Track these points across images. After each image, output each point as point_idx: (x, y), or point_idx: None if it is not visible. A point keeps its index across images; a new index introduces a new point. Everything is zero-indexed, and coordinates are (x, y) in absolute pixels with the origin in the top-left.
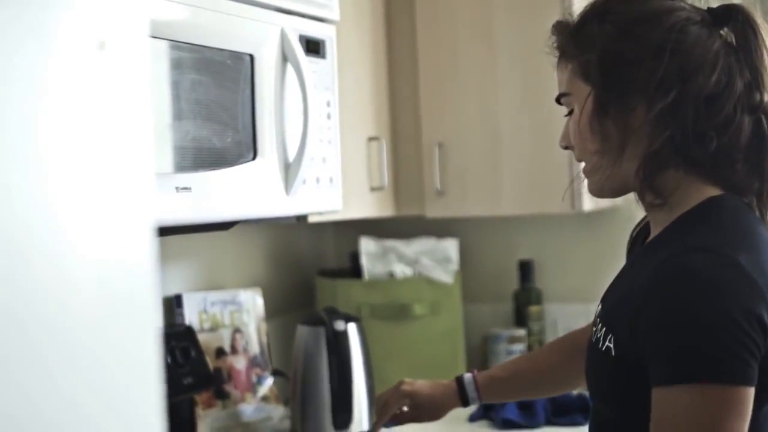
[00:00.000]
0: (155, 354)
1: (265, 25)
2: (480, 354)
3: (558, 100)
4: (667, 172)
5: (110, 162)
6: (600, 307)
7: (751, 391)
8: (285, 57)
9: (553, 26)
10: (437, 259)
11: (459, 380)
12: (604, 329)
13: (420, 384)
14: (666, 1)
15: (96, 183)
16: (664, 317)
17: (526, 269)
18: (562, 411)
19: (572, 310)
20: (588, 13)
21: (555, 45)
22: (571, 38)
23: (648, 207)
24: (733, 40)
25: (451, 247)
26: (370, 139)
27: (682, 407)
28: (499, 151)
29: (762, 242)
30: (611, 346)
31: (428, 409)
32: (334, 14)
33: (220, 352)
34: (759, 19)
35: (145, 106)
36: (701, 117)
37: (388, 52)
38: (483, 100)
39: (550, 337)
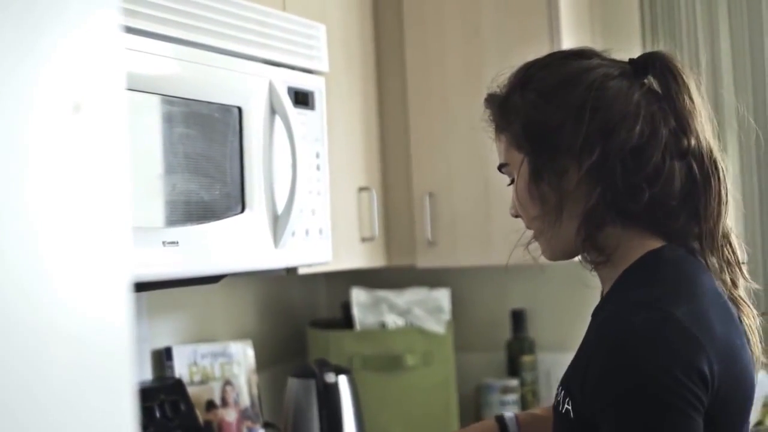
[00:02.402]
0: (131, 412)
1: (254, 78)
2: (473, 404)
3: (500, 170)
4: (605, 228)
5: (87, 221)
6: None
7: None
8: (273, 109)
9: (485, 99)
10: (429, 309)
11: (500, 419)
12: (563, 392)
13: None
14: (583, 61)
15: (72, 242)
16: (606, 380)
17: (518, 318)
18: None
19: (566, 359)
20: (511, 84)
21: (489, 117)
22: (500, 110)
23: (593, 265)
24: (657, 88)
25: (442, 297)
26: (361, 189)
27: None
28: (489, 201)
29: (702, 291)
30: (569, 408)
31: None
32: (323, 65)
33: (210, 405)
34: (678, 64)
35: (122, 164)
36: (629, 170)
37: (377, 101)
38: (473, 149)
39: (543, 387)
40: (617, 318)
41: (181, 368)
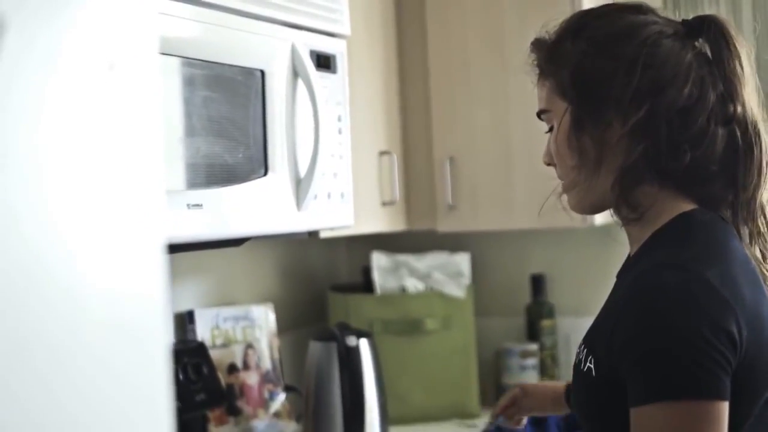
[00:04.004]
0: (165, 373)
1: (276, 41)
2: (492, 368)
3: (539, 116)
4: (642, 186)
5: (120, 182)
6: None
7: (725, 406)
8: (296, 72)
9: (532, 43)
10: (449, 273)
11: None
12: (585, 350)
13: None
14: (639, 15)
15: (106, 203)
16: (635, 337)
17: (538, 283)
18: (575, 428)
19: (585, 324)
20: (563, 31)
21: (534, 62)
22: (548, 55)
23: (624, 222)
24: (708, 52)
25: (463, 261)
26: (382, 153)
27: (657, 425)
28: (510, 165)
29: (733, 256)
30: (591, 366)
31: (539, 399)
32: (345, 29)
33: (232, 368)
34: (732, 31)
35: (155, 125)
36: (674, 130)
37: (399, 65)
38: (494, 113)
39: (562, 352)
40: (648, 278)
41: (203, 331)
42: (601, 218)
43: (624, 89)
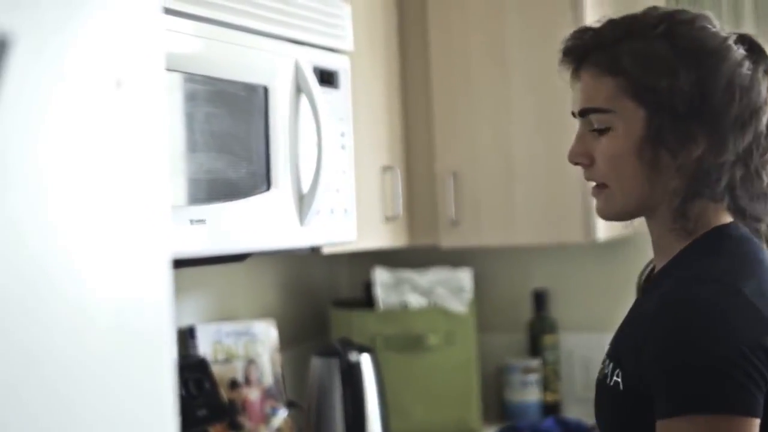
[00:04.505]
0: (170, 387)
1: (279, 57)
2: (495, 384)
3: (581, 114)
4: (701, 199)
5: (126, 197)
6: (610, 344)
7: (756, 423)
8: (299, 88)
9: (582, 32)
10: (451, 288)
11: None
12: (611, 364)
13: None
14: (718, 32)
15: (112, 218)
16: (669, 349)
17: (540, 298)
18: None
19: (587, 340)
20: (640, 28)
21: (583, 54)
22: (617, 52)
23: (673, 232)
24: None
25: (465, 276)
26: (384, 168)
27: None
28: (513, 180)
29: (766, 270)
30: (618, 380)
31: None
32: (348, 45)
33: (233, 384)
34: None
35: (160, 141)
36: (759, 154)
37: (401, 81)
38: (497, 129)
39: (565, 368)
40: (682, 291)
41: (205, 347)
42: (604, 234)
43: (726, 110)
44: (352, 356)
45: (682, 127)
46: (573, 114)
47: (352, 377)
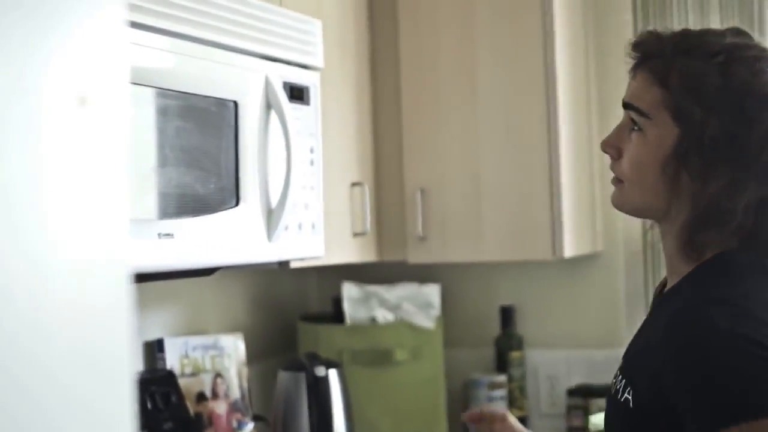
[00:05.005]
0: (129, 403)
1: (250, 73)
2: (461, 399)
3: (626, 107)
4: (707, 233)
5: (85, 212)
6: (622, 359)
7: None
8: (269, 104)
9: (655, 35)
10: (419, 304)
11: None
12: (624, 381)
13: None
14: None
15: (71, 233)
16: (692, 370)
17: (507, 315)
18: None
19: (554, 356)
20: (704, 55)
21: (648, 62)
22: (679, 72)
23: (681, 254)
24: None
25: (432, 292)
26: (353, 184)
27: None
28: (480, 197)
29: None
30: (629, 397)
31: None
32: (318, 61)
33: (201, 397)
34: None
35: (123, 157)
36: None
37: (372, 98)
38: (465, 146)
39: (531, 384)
40: (696, 315)
41: (172, 360)
42: (571, 251)
43: (753, 158)
44: (319, 370)
45: (706, 158)
46: (623, 104)
47: (318, 391)
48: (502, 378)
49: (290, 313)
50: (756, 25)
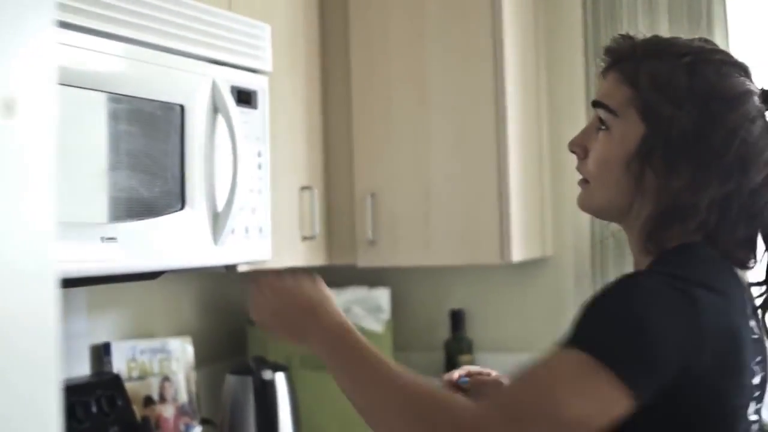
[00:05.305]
0: (55, 411)
1: (197, 76)
2: None
3: (595, 105)
4: (676, 227)
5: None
6: None
7: (626, 396)
8: (216, 107)
9: (625, 38)
10: (368, 308)
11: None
12: None
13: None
14: (747, 81)
15: None
16: (591, 302)
17: (457, 318)
18: None
19: (503, 360)
20: (672, 56)
21: (619, 64)
22: (639, 68)
23: (644, 252)
24: None
25: (382, 296)
26: (303, 188)
27: (554, 360)
28: (430, 202)
29: (729, 288)
30: None
31: None
32: (267, 65)
33: (148, 401)
34: None
35: (51, 161)
36: (742, 209)
37: (322, 102)
38: (415, 151)
39: None
40: (636, 273)
41: (119, 364)
42: (519, 256)
43: (716, 157)
44: (266, 374)
45: (670, 155)
46: (592, 102)
47: (265, 395)
48: None
49: (240, 317)
50: (704, 28)
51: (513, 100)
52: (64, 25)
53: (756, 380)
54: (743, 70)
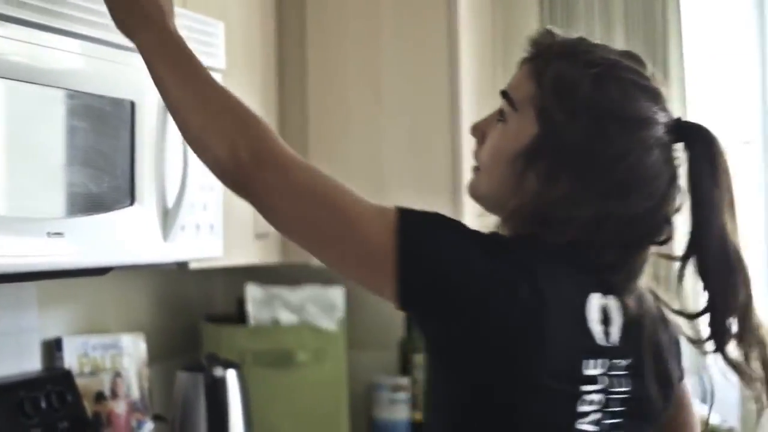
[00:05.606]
0: None
1: (148, 72)
2: (364, 402)
3: (503, 95)
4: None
5: None
6: None
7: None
8: None
9: (548, 33)
10: (322, 306)
11: None
12: None
13: None
14: (653, 107)
15: None
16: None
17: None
18: None
19: None
20: (583, 63)
21: (534, 58)
22: (553, 73)
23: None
24: (687, 163)
25: (337, 294)
26: None
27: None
28: (384, 200)
29: (568, 281)
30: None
31: None
32: (220, 63)
33: (99, 397)
34: (721, 155)
35: None
36: (616, 234)
37: (278, 101)
38: (370, 150)
39: None
40: None
41: (71, 359)
42: None
43: (600, 175)
44: (218, 371)
45: (554, 164)
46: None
47: (216, 393)
48: (404, 381)
49: (195, 314)
50: (659, 38)
51: (468, 101)
52: (10, 19)
53: (590, 372)
54: (654, 97)
